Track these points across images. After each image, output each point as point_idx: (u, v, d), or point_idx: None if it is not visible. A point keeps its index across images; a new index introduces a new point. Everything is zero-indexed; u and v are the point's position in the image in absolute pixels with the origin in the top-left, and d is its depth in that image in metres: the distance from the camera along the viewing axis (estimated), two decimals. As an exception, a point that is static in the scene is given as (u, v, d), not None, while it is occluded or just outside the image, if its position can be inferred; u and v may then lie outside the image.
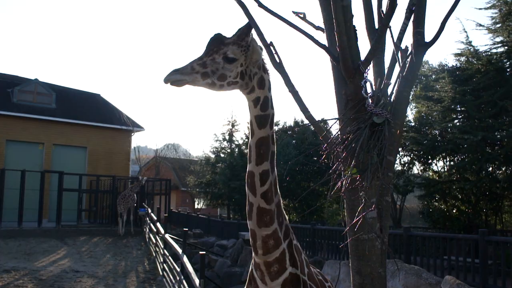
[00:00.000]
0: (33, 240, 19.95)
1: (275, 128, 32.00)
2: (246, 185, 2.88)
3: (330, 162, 2.81)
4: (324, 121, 2.83)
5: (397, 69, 3.58)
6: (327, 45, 3.59)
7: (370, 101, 2.91)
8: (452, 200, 20.40)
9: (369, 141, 2.69)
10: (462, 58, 19.61)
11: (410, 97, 22.68)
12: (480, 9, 18.56)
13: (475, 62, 18.50)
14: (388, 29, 3.66)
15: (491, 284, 10.08)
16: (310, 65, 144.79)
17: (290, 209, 28.36)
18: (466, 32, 19.07)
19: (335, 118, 2.94)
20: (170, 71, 2.50)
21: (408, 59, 3.61)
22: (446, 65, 20.72)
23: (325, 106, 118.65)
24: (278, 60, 3.59)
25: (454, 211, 20.24)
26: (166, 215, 18.83)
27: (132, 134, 33.00)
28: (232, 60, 2.65)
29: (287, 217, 3.11)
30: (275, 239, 2.94)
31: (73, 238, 21.24)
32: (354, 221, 2.46)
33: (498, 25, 18.25)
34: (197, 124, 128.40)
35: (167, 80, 2.55)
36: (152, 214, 20.25)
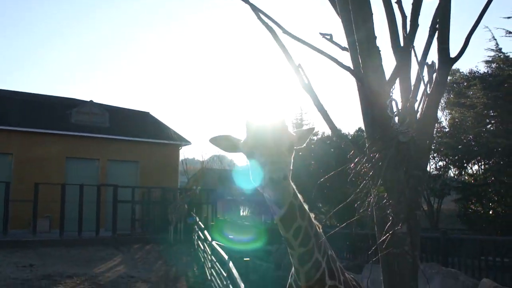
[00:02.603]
0: (92, 248, 20.39)
1: (314, 138, 31.45)
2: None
3: (357, 181, 2.78)
4: (352, 140, 2.79)
5: (422, 87, 3.50)
6: (352, 66, 3.56)
7: (396, 120, 2.84)
8: (489, 202, 19.78)
9: (396, 159, 2.64)
10: (493, 65, 19.12)
11: (444, 104, 22.17)
12: (508, 17, 18.04)
13: (506, 68, 18.01)
14: (412, 48, 3.60)
15: (529, 285, 9.72)
16: (339, 84, 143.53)
17: (330, 214, 28.02)
18: (495, 39, 18.51)
19: (361, 140, 2.90)
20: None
21: (434, 76, 3.53)
22: (477, 72, 20.23)
23: (355, 122, 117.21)
24: (306, 81, 3.58)
25: (490, 212, 19.63)
26: (213, 222, 18.92)
27: (180, 148, 33.44)
28: None
29: (320, 228, 3.09)
30: (315, 265, 2.95)
31: (128, 246, 21.58)
32: (383, 238, 2.42)
33: (527, 32, 17.75)
34: (240, 135, 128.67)
35: None
36: (200, 223, 20.39)
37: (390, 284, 2.49)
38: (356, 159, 2.68)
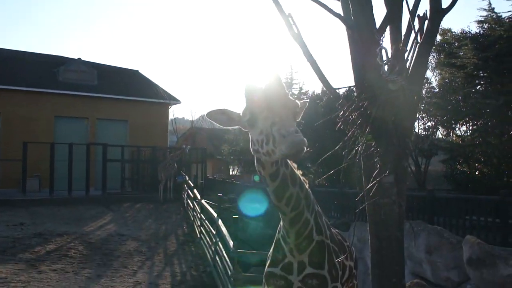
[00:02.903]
0: (82, 207, 20.42)
1: (304, 97, 31.42)
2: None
3: (347, 129, 2.70)
4: (340, 89, 2.66)
5: (413, 35, 3.39)
6: (342, 14, 3.44)
7: (386, 68, 2.73)
8: (475, 163, 19.95)
9: (385, 108, 2.55)
10: (485, 25, 18.89)
11: (434, 64, 22.00)
12: (502, -25, 17.76)
13: (497, 28, 17.80)
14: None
15: (511, 242, 9.90)
16: (328, 35, 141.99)
17: (320, 174, 28.20)
18: (488, -1, 18.29)
19: (351, 86, 2.76)
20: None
21: (425, 26, 3.43)
22: (469, 32, 19.97)
23: (343, 75, 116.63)
24: (296, 31, 3.45)
25: (476, 173, 19.82)
26: (203, 181, 18.95)
27: (169, 107, 33.18)
28: None
29: (307, 183, 3.08)
30: (305, 224, 2.97)
31: (118, 205, 21.64)
32: (369, 186, 2.36)
33: (521, -9, 17.50)
34: (230, 95, 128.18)
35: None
36: (190, 181, 20.42)
37: (376, 234, 2.45)
38: (345, 107, 2.58)
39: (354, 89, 2.82)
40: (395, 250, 2.39)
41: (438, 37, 22.00)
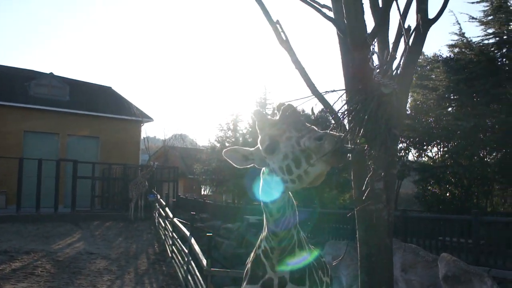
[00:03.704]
0: (50, 224, 19.89)
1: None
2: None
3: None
4: (331, 92, 2.59)
5: (401, 45, 3.40)
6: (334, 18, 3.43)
7: (378, 73, 2.69)
8: (446, 184, 20.19)
9: (377, 112, 2.51)
10: (456, 50, 19.36)
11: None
12: (472, 3, 18.26)
13: (468, 52, 18.26)
14: (391, 7, 3.47)
15: (483, 262, 9.99)
16: (316, 43, 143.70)
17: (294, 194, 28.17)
18: (459, 24, 18.73)
19: (343, 89, 2.71)
20: None
21: (413, 36, 3.44)
22: (441, 55, 20.42)
23: (332, 82, 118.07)
24: (284, 38, 3.41)
25: (447, 194, 20.06)
26: (174, 200, 18.72)
27: (142, 124, 32.88)
28: None
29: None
30: (290, 241, 2.87)
31: (87, 223, 21.18)
32: (363, 189, 2.31)
33: (490, 17, 18.00)
34: (203, 115, 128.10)
35: None
36: (161, 200, 20.15)
37: (365, 240, 2.38)
38: (338, 109, 2.53)
39: (345, 94, 2.79)
40: (384, 257, 2.32)
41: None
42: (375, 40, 3.00)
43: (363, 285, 2.33)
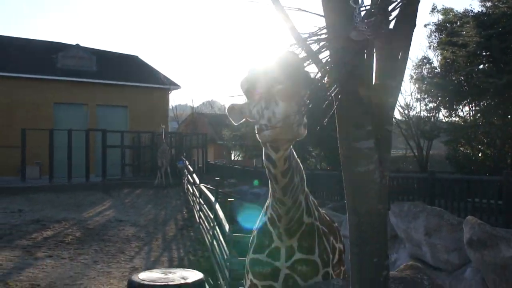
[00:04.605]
0: (81, 194, 20.31)
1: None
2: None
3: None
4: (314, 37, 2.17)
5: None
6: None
7: (360, 13, 2.10)
8: (478, 144, 19.61)
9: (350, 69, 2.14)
10: (488, 3, 18.47)
11: (435, 44, 21.52)
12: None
13: (501, 5, 17.38)
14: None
15: (515, 224, 9.67)
16: None
17: (321, 158, 27.98)
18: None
19: (318, 30, 2.24)
20: None
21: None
22: (471, 10, 19.52)
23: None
24: (291, 24, 3.02)
25: (479, 155, 19.49)
26: (200, 166, 18.80)
27: (170, 92, 32.94)
28: None
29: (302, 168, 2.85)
30: (298, 208, 2.76)
31: (118, 191, 21.55)
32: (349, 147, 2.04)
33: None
34: (232, 81, 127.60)
35: None
36: (189, 166, 20.27)
37: (354, 207, 2.17)
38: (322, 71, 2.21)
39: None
40: (376, 226, 2.09)
41: (440, 17, 21.60)
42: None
43: (354, 257, 2.16)
